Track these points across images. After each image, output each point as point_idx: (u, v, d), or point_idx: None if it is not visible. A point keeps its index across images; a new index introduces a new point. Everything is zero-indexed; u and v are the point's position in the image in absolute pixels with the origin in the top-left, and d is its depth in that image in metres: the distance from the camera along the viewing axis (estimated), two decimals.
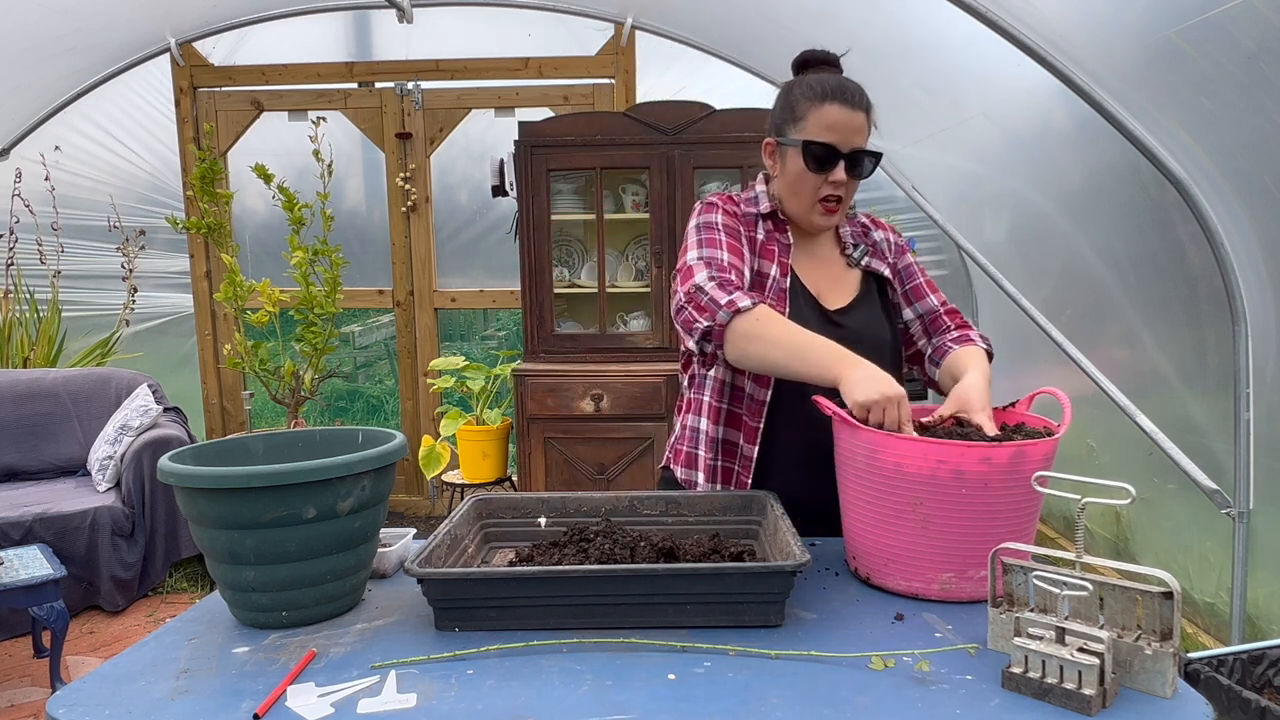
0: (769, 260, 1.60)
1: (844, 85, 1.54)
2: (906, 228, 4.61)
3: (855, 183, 1.57)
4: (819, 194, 1.56)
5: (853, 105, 1.52)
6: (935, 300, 1.71)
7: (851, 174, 1.55)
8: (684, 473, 1.67)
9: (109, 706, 1.02)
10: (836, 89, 1.53)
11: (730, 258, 1.54)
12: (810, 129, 1.53)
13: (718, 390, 1.63)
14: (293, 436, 1.45)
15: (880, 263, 1.69)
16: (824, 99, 1.52)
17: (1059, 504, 3.55)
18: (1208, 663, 1.62)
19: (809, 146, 1.53)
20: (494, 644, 1.14)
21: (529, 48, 4.60)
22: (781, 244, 1.62)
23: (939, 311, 1.70)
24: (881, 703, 0.99)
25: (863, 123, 1.53)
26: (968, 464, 1.21)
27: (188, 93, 4.68)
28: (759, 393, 1.58)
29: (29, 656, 3.21)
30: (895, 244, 1.75)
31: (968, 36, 2.57)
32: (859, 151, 1.54)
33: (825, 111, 1.52)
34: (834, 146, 1.52)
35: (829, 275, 1.65)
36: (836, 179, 1.54)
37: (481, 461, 4.00)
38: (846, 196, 1.58)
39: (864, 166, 1.56)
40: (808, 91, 1.54)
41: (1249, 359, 2.36)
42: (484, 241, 4.82)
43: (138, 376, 4.13)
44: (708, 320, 1.45)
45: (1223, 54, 1.96)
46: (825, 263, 1.66)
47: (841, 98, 1.52)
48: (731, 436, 1.63)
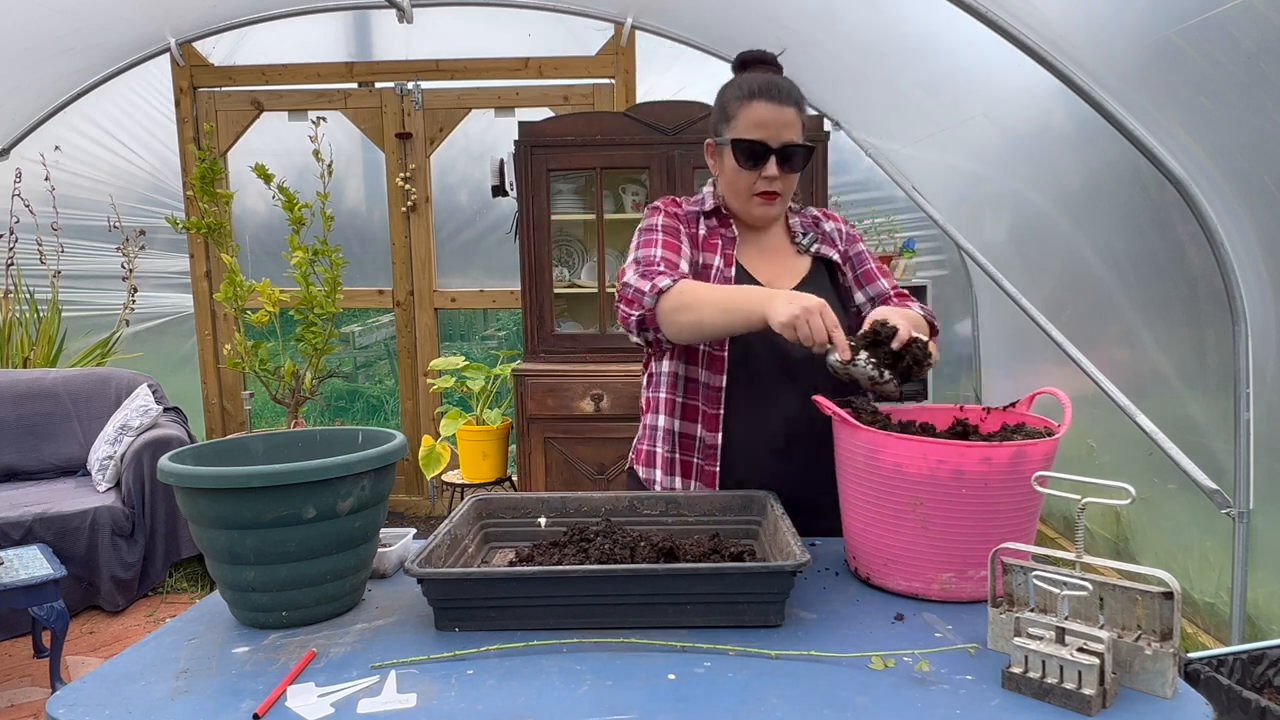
0: (712, 253, 1.65)
1: (771, 82, 1.56)
2: (906, 227, 4.61)
3: (791, 176, 1.61)
4: (754, 189, 1.60)
5: (780, 101, 1.55)
6: (886, 284, 1.73)
7: (783, 168, 1.58)
8: (644, 471, 1.72)
9: (109, 706, 1.02)
10: (763, 86, 1.55)
11: (664, 253, 1.59)
12: (740, 127, 1.57)
13: (671, 384, 1.67)
14: (293, 436, 1.45)
15: (830, 249, 1.73)
16: (751, 97, 1.56)
17: (1059, 504, 3.55)
18: (1208, 663, 1.62)
19: (738, 144, 1.58)
20: (494, 644, 1.14)
21: (529, 48, 4.60)
22: (726, 238, 1.67)
23: (888, 294, 1.72)
24: (881, 703, 0.99)
25: (792, 117, 1.56)
26: (968, 464, 1.21)
27: (188, 93, 4.68)
28: (714, 379, 1.62)
29: (29, 656, 3.21)
30: (847, 233, 1.77)
31: (968, 36, 2.57)
32: (789, 146, 1.57)
33: (753, 109, 1.55)
34: (763, 142, 1.56)
35: (777, 264, 1.69)
36: (769, 174, 1.58)
37: (481, 461, 4.00)
38: (784, 189, 1.61)
39: (796, 160, 1.59)
40: (737, 91, 1.58)
41: (1249, 359, 2.36)
42: (484, 241, 4.82)
43: (138, 376, 4.13)
44: (638, 310, 1.53)
45: (1223, 54, 1.96)
46: (774, 253, 1.70)
47: (768, 95, 1.55)
48: (689, 429, 1.66)
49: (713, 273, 1.62)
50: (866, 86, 3.75)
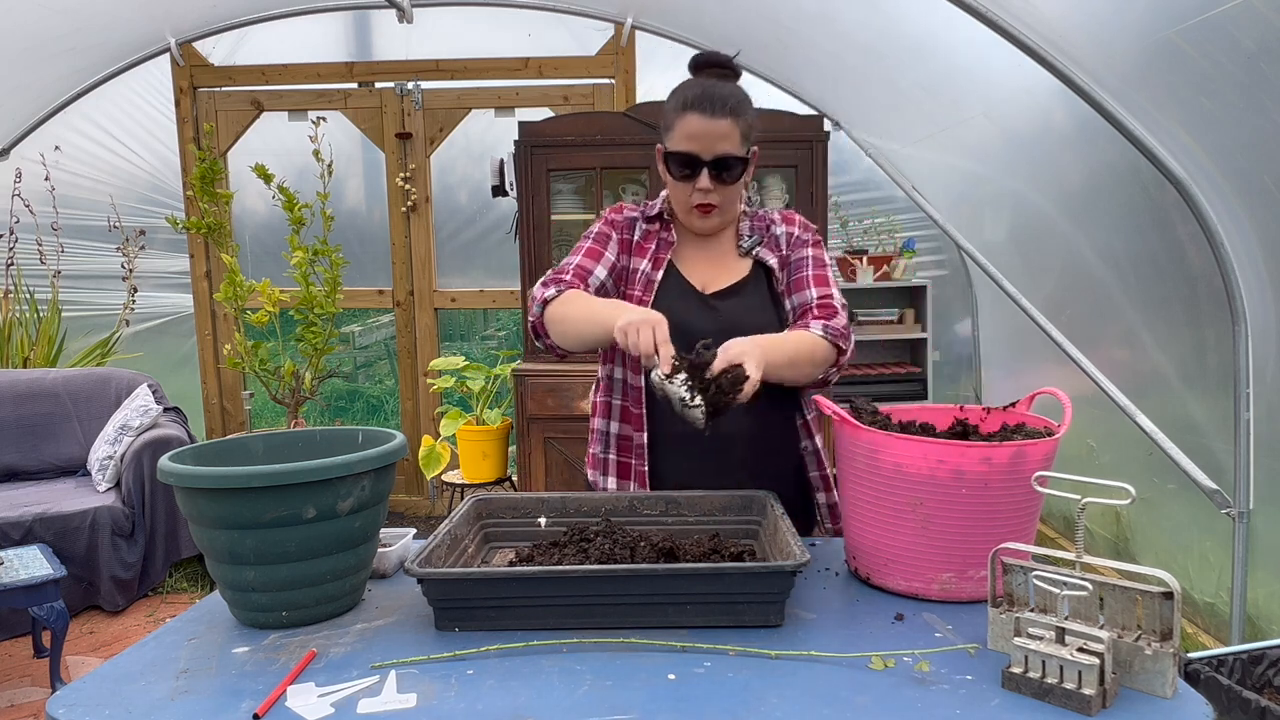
0: (642, 257, 1.67)
1: (707, 93, 1.53)
2: (906, 227, 4.61)
3: (726, 188, 1.59)
4: (691, 200, 1.60)
5: (713, 113, 1.52)
6: (814, 293, 1.66)
7: (717, 180, 1.56)
8: (592, 474, 1.75)
9: (109, 706, 1.02)
10: (697, 98, 1.53)
11: (580, 261, 1.63)
12: (675, 139, 1.56)
13: (606, 387, 1.71)
14: (293, 436, 1.45)
15: (770, 254, 1.70)
16: (685, 109, 1.54)
17: (1059, 504, 3.55)
18: (1208, 663, 1.62)
19: (671, 156, 1.58)
20: (494, 644, 1.14)
21: (529, 48, 4.60)
22: (664, 241, 1.68)
23: (810, 304, 1.65)
24: (881, 703, 0.99)
25: (726, 129, 1.53)
26: (968, 464, 1.21)
27: (188, 93, 4.68)
28: (635, 380, 1.65)
29: (29, 656, 3.21)
30: (795, 237, 1.72)
31: (968, 37, 2.57)
32: (723, 158, 1.55)
33: (686, 121, 1.54)
34: (696, 155, 1.54)
35: (717, 265, 1.69)
36: (702, 186, 1.56)
37: (481, 461, 4.00)
38: (721, 200, 1.60)
39: (732, 172, 1.57)
40: (674, 101, 1.57)
41: (1249, 359, 2.36)
42: (484, 241, 4.82)
43: (138, 376, 4.13)
44: (532, 317, 1.59)
45: (1223, 54, 1.96)
46: (717, 255, 1.70)
47: (700, 107, 1.52)
48: (625, 430, 1.69)
49: (638, 276, 1.65)
50: (866, 86, 3.75)
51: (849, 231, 4.64)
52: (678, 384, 1.33)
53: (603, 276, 1.64)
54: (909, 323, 4.54)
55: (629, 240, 1.69)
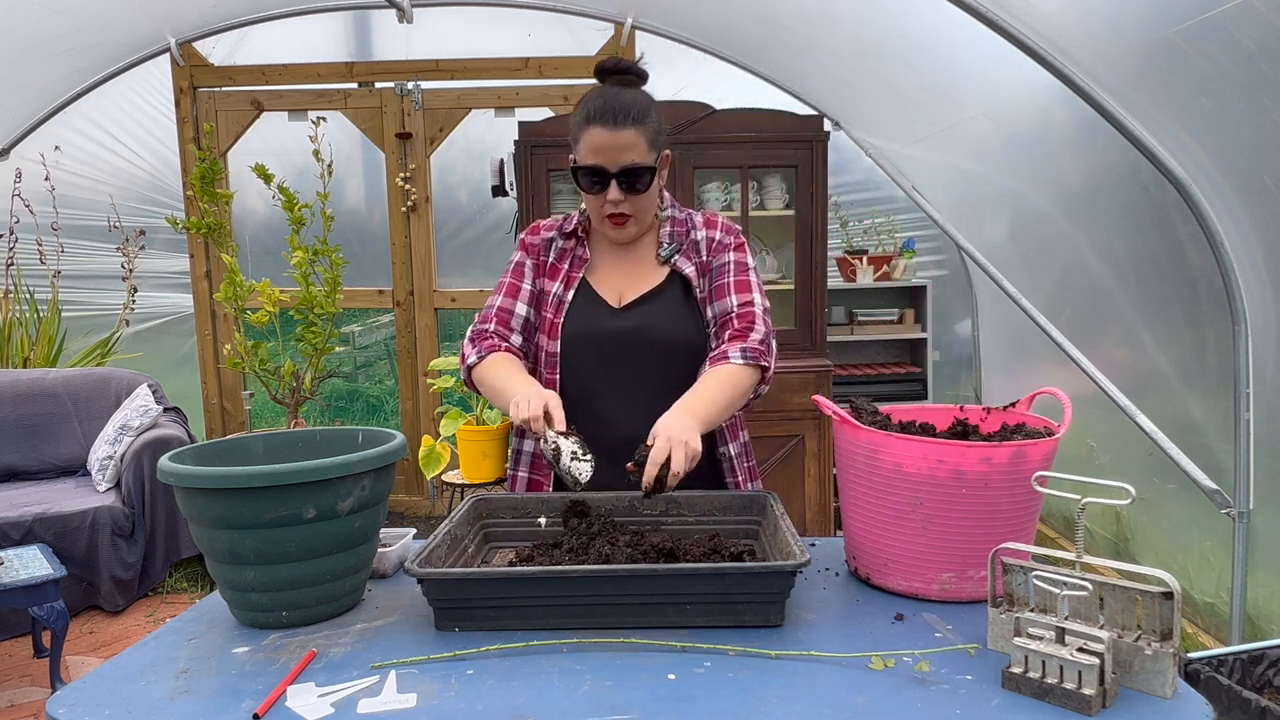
0: (554, 279, 1.69)
1: (608, 105, 1.53)
2: (907, 228, 4.61)
3: (637, 197, 1.58)
4: (603, 211, 1.60)
5: (616, 125, 1.51)
6: (733, 301, 1.63)
7: (627, 190, 1.56)
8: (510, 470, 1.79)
9: (109, 706, 1.02)
10: (598, 110, 1.53)
11: (501, 302, 1.69)
12: (581, 152, 1.56)
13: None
14: (293, 436, 1.45)
15: (687, 261, 1.68)
16: (588, 121, 1.54)
17: (1059, 504, 3.55)
18: (1208, 663, 1.62)
19: (578, 170, 1.58)
20: (494, 644, 1.14)
21: (529, 48, 4.59)
22: (577, 259, 1.70)
23: (731, 314, 1.63)
24: (881, 703, 0.99)
25: (631, 139, 1.52)
26: (968, 464, 1.21)
27: (188, 93, 4.68)
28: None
29: (29, 656, 3.21)
30: (716, 241, 1.70)
31: (968, 37, 2.57)
32: (629, 168, 1.54)
33: (590, 134, 1.53)
34: (601, 168, 1.54)
35: (633, 275, 1.68)
36: (612, 198, 1.56)
37: (481, 461, 3.99)
38: (634, 209, 1.59)
39: (640, 181, 1.56)
40: (578, 114, 1.57)
41: (1249, 359, 2.36)
42: (484, 241, 4.81)
43: (138, 376, 4.13)
44: (462, 372, 1.67)
45: (1223, 54, 1.96)
46: (634, 263, 1.69)
47: (602, 119, 1.52)
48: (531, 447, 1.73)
49: (550, 299, 1.67)
50: (866, 86, 3.75)
51: (849, 231, 4.64)
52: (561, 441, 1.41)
53: (524, 312, 1.68)
54: (909, 323, 4.54)
55: (544, 263, 1.71)
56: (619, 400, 1.62)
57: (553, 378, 1.65)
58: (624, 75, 1.59)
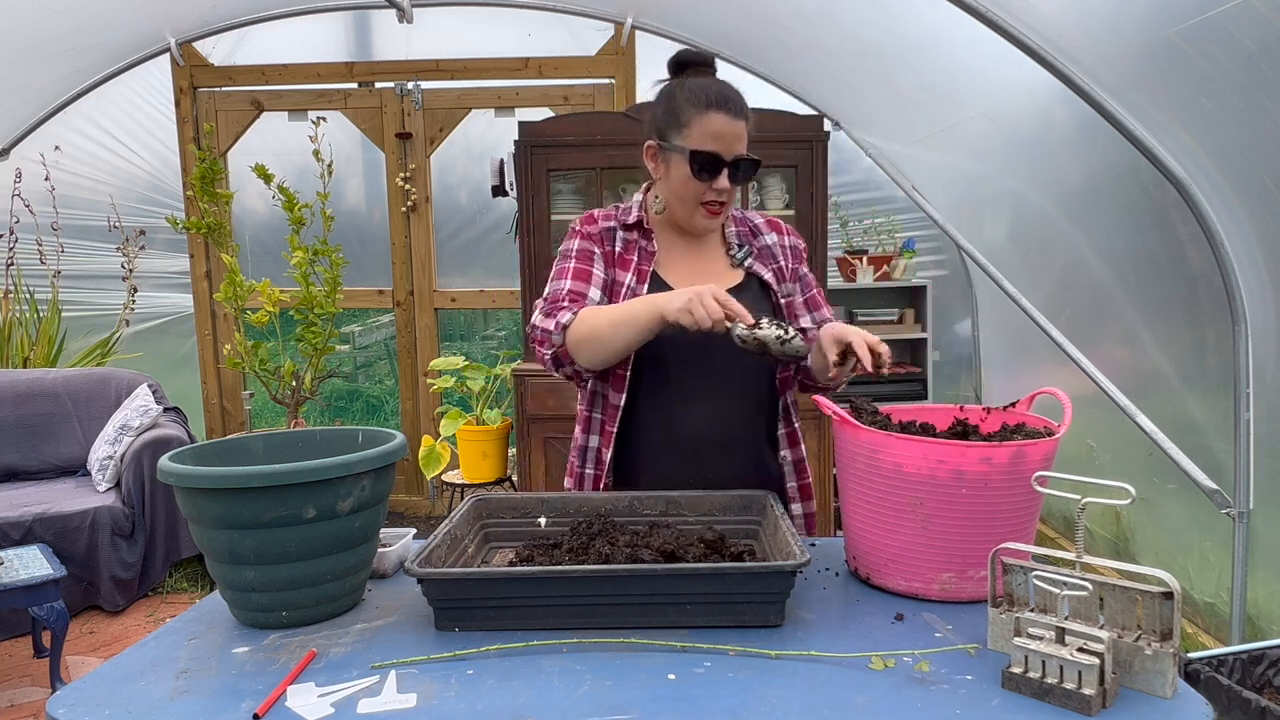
0: (625, 270, 1.63)
1: (727, 94, 1.55)
2: (906, 227, 4.61)
3: (736, 189, 1.60)
4: (702, 199, 1.59)
5: (735, 114, 1.54)
6: (828, 313, 1.73)
7: (734, 181, 1.58)
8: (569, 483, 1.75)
9: (109, 706, 1.02)
10: (720, 98, 1.54)
11: (572, 284, 1.60)
12: (695, 137, 1.55)
13: (589, 400, 1.70)
14: (293, 436, 1.45)
15: (763, 266, 1.69)
16: (709, 107, 1.54)
17: (1059, 504, 3.55)
18: (1208, 663, 1.62)
19: (695, 155, 1.56)
20: (494, 644, 1.14)
21: (529, 48, 4.59)
22: (644, 251, 1.65)
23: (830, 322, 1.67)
24: (881, 703, 0.99)
25: (744, 130, 1.56)
26: (968, 464, 1.21)
27: (188, 93, 4.68)
28: (614, 397, 1.64)
29: (29, 656, 3.21)
30: (794, 249, 1.74)
31: (968, 37, 2.57)
32: (741, 159, 1.57)
33: (710, 120, 1.54)
34: (718, 155, 1.55)
35: (705, 274, 1.66)
36: (720, 186, 1.57)
37: (481, 461, 4.00)
38: (729, 200, 1.61)
39: (746, 173, 1.59)
40: (692, 98, 1.56)
41: (1249, 359, 2.36)
42: (484, 241, 4.81)
43: (138, 376, 4.13)
44: (549, 349, 1.55)
45: (1223, 54, 1.96)
46: (705, 262, 1.68)
47: (725, 107, 1.54)
48: (595, 443, 1.70)
49: (624, 290, 1.61)
50: (866, 86, 3.74)
51: (849, 231, 4.64)
52: (766, 325, 1.39)
53: (597, 298, 1.60)
54: (909, 323, 4.54)
55: (611, 252, 1.65)
56: (690, 397, 1.61)
57: (623, 373, 1.61)
58: (706, 68, 1.62)
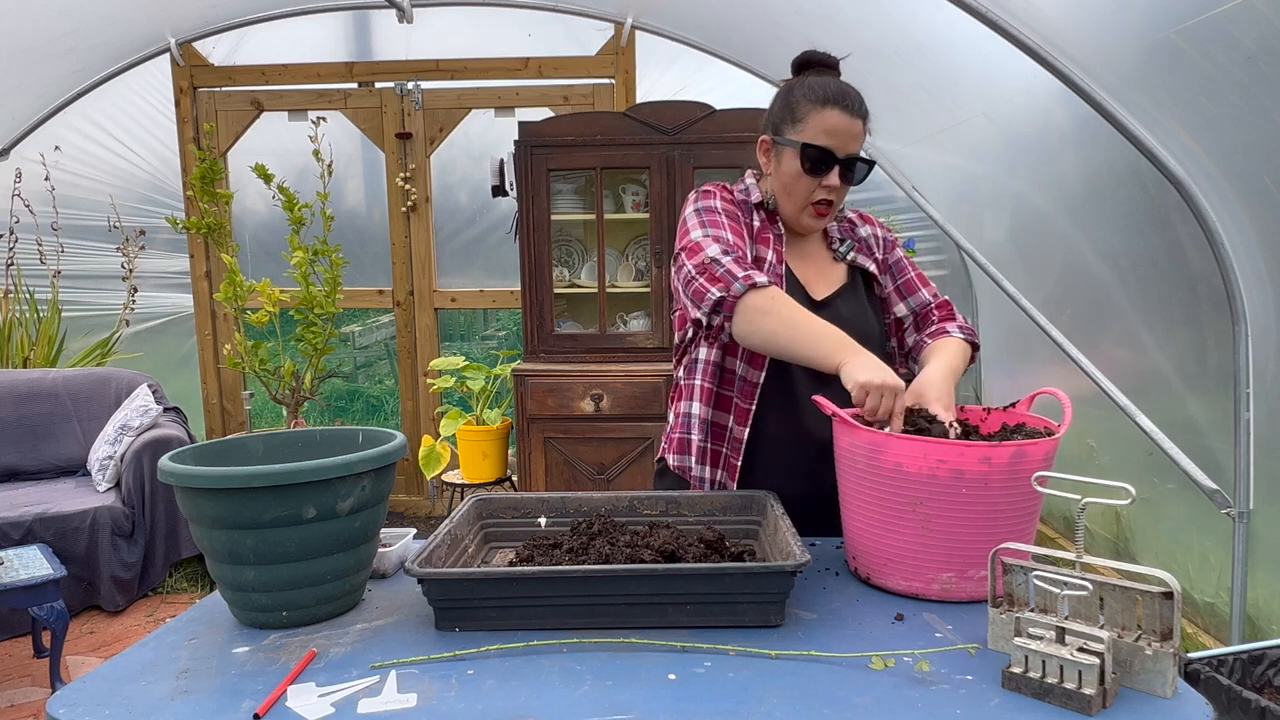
0: (765, 246, 1.62)
1: (845, 91, 1.55)
2: (906, 227, 4.60)
3: (847, 187, 1.60)
4: (812, 197, 1.58)
5: (853, 112, 1.54)
6: (927, 294, 1.72)
7: (845, 180, 1.57)
8: (677, 459, 1.68)
9: (109, 706, 1.02)
10: (838, 94, 1.54)
11: (735, 239, 1.56)
12: (809, 132, 1.55)
13: (709, 373, 1.64)
14: (293, 436, 1.45)
15: (866, 258, 1.71)
16: (825, 103, 1.54)
17: (1059, 504, 3.55)
18: (1208, 663, 1.62)
19: (807, 149, 1.54)
20: (494, 644, 1.14)
21: (529, 48, 4.59)
22: (775, 234, 1.65)
23: (930, 305, 1.72)
24: (881, 703, 0.99)
25: (860, 130, 1.55)
26: (968, 464, 1.21)
27: (188, 93, 4.68)
28: (751, 374, 1.60)
29: (29, 656, 3.21)
30: (885, 239, 1.76)
31: (968, 37, 2.57)
32: (854, 158, 1.56)
33: (826, 116, 1.53)
34: (831, 151, 1.54)
35: (815, 268, 1.67)
36: (830, 183, 1.56)
37: (481, 461, 4.00)
38: (837, 200, 1.60)
39: (858, 173, 1.58)
40: (809, 94, 1.55)
41: (1249, 359, 2.36)
42: (484, 241, 4.81)
43: (138, 376, 4.13)
44: (721, 290, 1.47)
45: (1223, 54, 1.96)
46: (812, 256, 1.69)
47: (843, 104, 1.54)
48: (721, 419, 1.65)
49: (765, 266, 1.59)
50: (866, 86, 3.71)
51: None
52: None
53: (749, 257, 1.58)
54: None
55: (750, 225, 1.64)
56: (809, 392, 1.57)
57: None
58: (831, 69, 1.61)
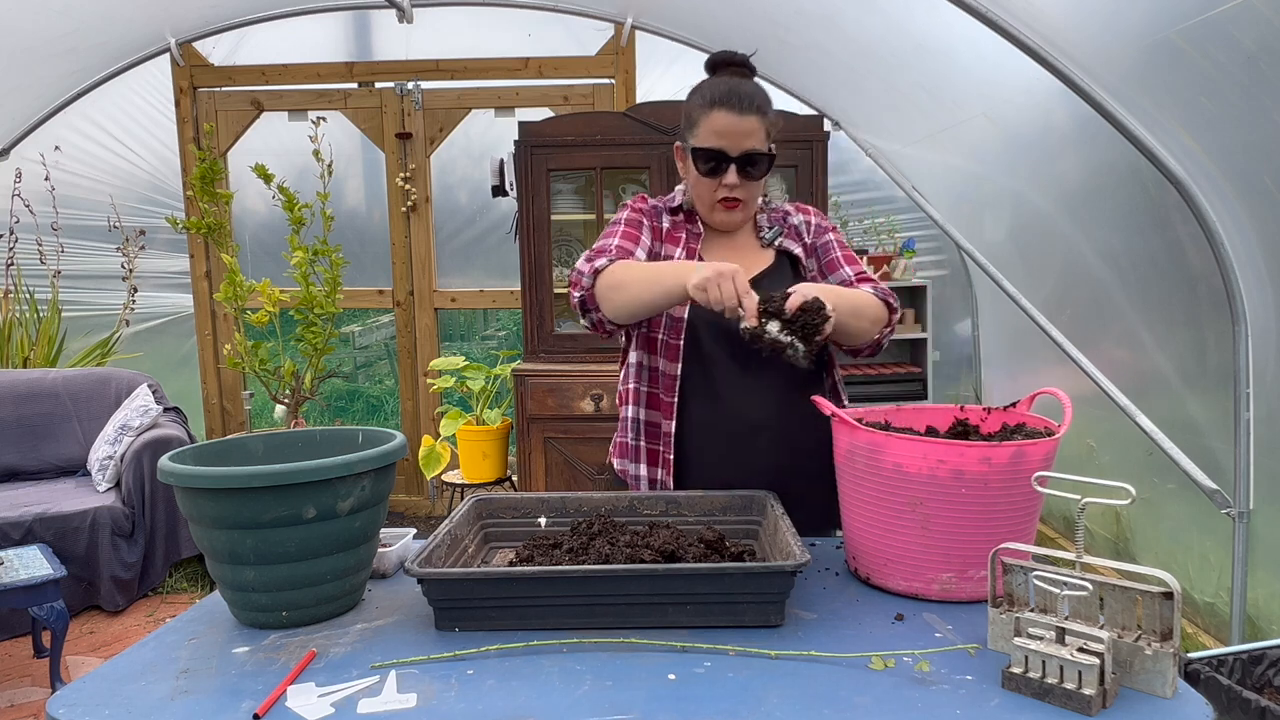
0: (675, 245, 1.67)
1: (733, 90, 1.56)
2: (906, 227, 4.61)
3: (752, 184, 1.61)
4: (716, 196, 1.61)
5: (741, 110, 1.55)
6: (849, 271, 1.70)
7: (744, 176, 1.59)
8: (619, 463, 1.74)
9: (109, 706, 1.02)
10: (724, 95, 1.55)
11: (619, 243, 1.63)
12: (701, 135, 1.58)
13: (637, 374, 1.70)
14: (293, 436, 1.45)
15: (794, 243, 1.72)
16: (713, 105, 1.56)
17: (1059, 504, 3.55)
18: (1208, 663, 1.62)
19: (698, 152, 1.58)
20: (494, 644, 1.14)
21: (529, 48, 4.59)
22: (691, 233, 1.69)
23: (850, 279, 1.69)
24: (881, 703, 0.99)
25: (754, 126, 1.56)
26: (968, 464, 1.21)
27: (188, 93, 4.68)
28: (669, 368, 1.64)
29: (29, 656, 3.21)
30: (817, 225, 1.76)
31: (968, 37, 2.57)
32: (750, 154, 1.57)
33: (714, 118, 1.55)
34: (723, 151, 1.56)
35: (741, 258, 1.69)
36: (729, 182, 1.58)
37: (481, 461, 4.00)
38: (746, 196, 1.62)
39: (758, 168, 1.59)
40: (700, 97, 1.59)
41: (1249, 359, 2.36)
42: (484, 241, 4.81)
43: (138, 376, 4.12)
44: (579, 291, 1.57)
45: (1223, 54, 1.96)
46: (740, 248, 1.71)
47: (729, 104, 1.55)
48: (654, 418, 1.69)
49: None
50: (866, 86, 3.74)
51: (849, 231, 4.64)
52: (773, 330, 1.37)
53: (642, 258, 1.64)
54: (909, 323, 4.54)
55: (659, 228, 1.70)
56: (739, 380, 1.62)
57: (677, 343, 1.63)
58: (739, 68, 1.62)
